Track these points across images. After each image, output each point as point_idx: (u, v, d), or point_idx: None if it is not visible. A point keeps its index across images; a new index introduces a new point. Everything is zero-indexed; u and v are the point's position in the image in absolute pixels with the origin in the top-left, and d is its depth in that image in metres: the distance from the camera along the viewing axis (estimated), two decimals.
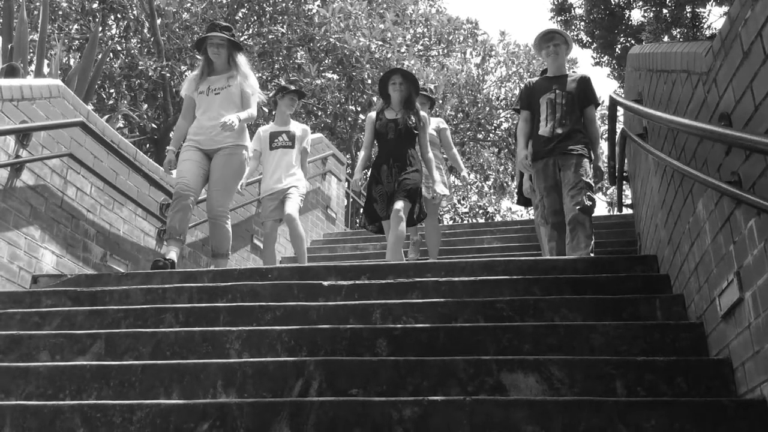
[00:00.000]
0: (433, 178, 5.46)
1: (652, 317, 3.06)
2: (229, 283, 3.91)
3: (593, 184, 4.70)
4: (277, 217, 6.03)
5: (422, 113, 5.39)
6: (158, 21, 13.73)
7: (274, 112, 6.82)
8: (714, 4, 10.39)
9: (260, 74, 13.85)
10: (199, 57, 6.22)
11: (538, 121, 4.84)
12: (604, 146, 6.09)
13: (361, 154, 5.46)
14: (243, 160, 5.26)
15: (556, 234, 4.68)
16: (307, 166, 6.37)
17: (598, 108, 5.04)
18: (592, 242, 4.50)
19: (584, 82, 4.89)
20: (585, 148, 4.72)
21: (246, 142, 5.33)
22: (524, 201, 6.00)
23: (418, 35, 17.29)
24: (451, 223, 21.12)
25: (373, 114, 5.43)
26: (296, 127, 6.37)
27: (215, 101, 5.22)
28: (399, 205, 4.94)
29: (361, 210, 4.99)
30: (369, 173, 5.10)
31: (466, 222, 20.92)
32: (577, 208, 4.45)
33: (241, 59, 5.36)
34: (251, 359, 2.78)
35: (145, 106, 14.09)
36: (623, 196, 7.59)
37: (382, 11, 15.45)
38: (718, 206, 2.44)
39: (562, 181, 4.64)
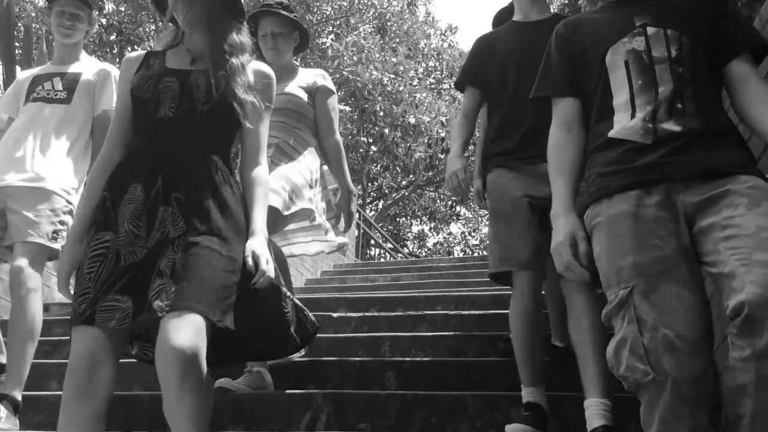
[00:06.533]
0: (253, 223, 1.87)
1: None
2: None
3: None
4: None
5: (263, 68, 2.02)
6: None
7: None
8: None
9: None
10: None
11: (600, 112, 1.75)
12: None
13: (99, 159, 2.01)
14: None
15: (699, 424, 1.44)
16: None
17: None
18: None
19: (717, 6, 1.78)
20: (750, 160, 1.66)
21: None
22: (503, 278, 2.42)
23: (430, 68, 17.51)
24: (461, 255, 21.06)
25: (134, 55, 2.02)
26: (89, 67, 2.98)
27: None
28: (182, 336, 1.66)
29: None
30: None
31: (476, 254, 20.86)
32: None
33: None
34: (259, 391, 2.77)
35: None
36: None
37: (394, 45, 15.68)
38: None
39: (713, 239, 1.52)
